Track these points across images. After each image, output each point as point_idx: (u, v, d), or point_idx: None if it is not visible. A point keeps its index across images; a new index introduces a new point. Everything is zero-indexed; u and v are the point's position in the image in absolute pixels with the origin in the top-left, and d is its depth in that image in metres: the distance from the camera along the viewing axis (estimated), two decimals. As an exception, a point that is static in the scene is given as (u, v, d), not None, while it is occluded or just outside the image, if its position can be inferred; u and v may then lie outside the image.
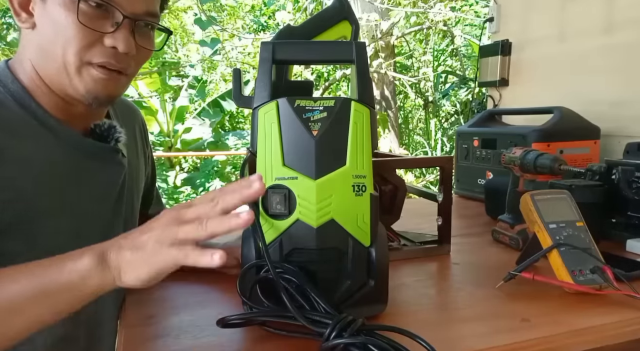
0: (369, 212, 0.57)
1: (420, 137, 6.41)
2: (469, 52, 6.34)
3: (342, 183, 0.56)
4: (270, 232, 0.55)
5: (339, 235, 0.56)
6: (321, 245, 0.55)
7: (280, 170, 0.55)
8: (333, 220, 0.55)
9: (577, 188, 0.88)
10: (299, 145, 0.56)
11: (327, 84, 6.12)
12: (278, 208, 0.55)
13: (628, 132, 1.25)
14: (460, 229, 1.04)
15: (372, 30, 5.36)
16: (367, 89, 0.60)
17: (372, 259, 0.58)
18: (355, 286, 0.57)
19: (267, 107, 0.57)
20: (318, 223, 0.55)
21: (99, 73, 0.66)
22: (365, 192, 0.57)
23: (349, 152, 0.56)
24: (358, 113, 0.57)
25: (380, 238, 0.59)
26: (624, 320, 0.58)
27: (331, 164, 0.56)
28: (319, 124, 0.56)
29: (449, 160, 0.84)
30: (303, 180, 0.55)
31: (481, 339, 0.54)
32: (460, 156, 1.42)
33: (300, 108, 0.56)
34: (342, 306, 0.57)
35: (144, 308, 0.63)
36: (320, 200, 0.55)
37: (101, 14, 0.64)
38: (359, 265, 0.57)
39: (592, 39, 1.37)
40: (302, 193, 0.55)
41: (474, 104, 2.75)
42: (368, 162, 0.58)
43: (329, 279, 0.56)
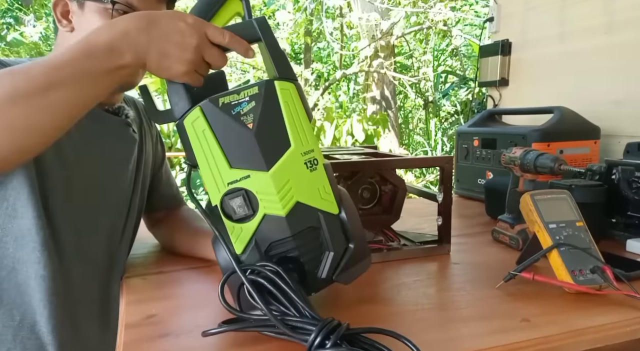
0: (328, 181, 0.57)
1: (420, 137, 6.41)
2: (469, 52, 6.34)
3: (294, 164, 0.55)
4: (242, 236, 0.54)
5: (309, 213, 0.56)
6: (295, 230, 0.55)
7: (230, 173, 0.54)
8: (299, 203, 0.55)
9: (577, 188, 0.88)
10: (239, 143, 0.54)
11: (327, 84, 6.12)
12: (241, 212, 0.54)
13: (628, 132, 1.26)
14: (460, 229, 1.04)
15: (372, 30, 5.36)
16: (283, 64, 0.58)
17: (345, 224, 0.58)
18: (339, 254, 0.57)
19: (192, 116, 0.55)
20: (286, 211, 0.54)
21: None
22: (317, 164, 0.57)
23: (289, 132, 0.55)
24: (284, 91, 0.56)
25: (345, 201, 0.59)
26: (624, 320, 0.58)
27: (277, 150, 0.55)
28: (251, 116, 0.54)
29: (449, 160, 0.84)
30: (256, 175, 0.54)
31: (481, 339, 0.54)
32: (460, 156, 1.42)
33: (226, 106, 0.55)
34: (335, 276, 0.57)
35: (144, 308, 0.63)
36: (280, 188, 0.54)
37: None
38: (336, 234, 0.57)
39: (592, 39, 1.37)
40: (260, 188, 0.54)
41: (474, 104, 2.75)
42: (311, 136, 0.57)
43: (313, 258, 0.56)
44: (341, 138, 3.83)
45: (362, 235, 0.60)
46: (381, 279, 0.75)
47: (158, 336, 0.55)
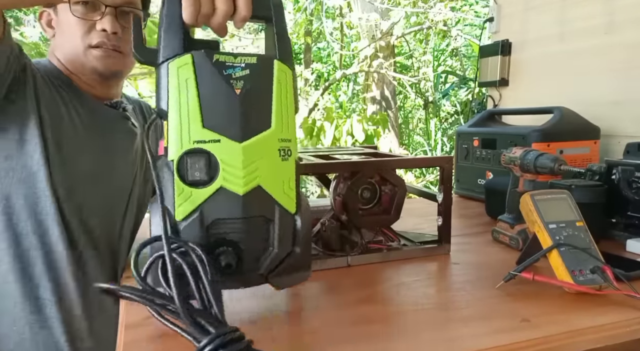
0: (294, 178, 0.54)
1: (420, 137, 6.41)
2: (469, 52, 6.33)
3: (268, 146, 0.52)
4: (188, 202, 0.49)
5: (266, 202, 0.52)
6: (247, 213, 0.51)
7: (200, 132, 0.50)
8: (260, 187, 0.51)
9: (577, 188, 0.88)
10: (220, 105, 0.50)
11: (327, 84, 6.11)
12: (197, 175, 0.49)
13: (628, 132, 1.26)
14: (460, 229, 1.04)
15: (372, 30, 5.36)
16: (287, 50, 0.55)
17: (298, 226, 0.55)
18: (282, 255, 0.54)
19: (182, 60, 0.50)
20: (245, 190, 0.50)
21: (98, 52, 0.88)
22: (290, 156, 0.54)
23: (274, 113, 0.52)
24: (282, 72, 0.54)
25: (304, 206, 0.56)
26: (624, 320, 0.58)
27: (257, 126, 0.51)
28: (241, 82, 0.51)
29: (449, 160, 0.84)
30: (227, 143, 0.50)
31: (481, 339, 0.54)
32: (460, 156, 1.41)
33: (220, 64, 0.51)
34: (270, 276, 0.54)
35: (144, 308, 0.63)
36: (247, 165, 0.50)
37: (90, 9, 0.87)
38: (285, 233, 0.53)
39: (593, 39, 1.37)
40: (226, 157, 0.50)
41: (474, 104, 2.75)
42: (293, 126, 0.54)
43: (253, 249, 0.52)
44: (341, 138, 3.82)
45: (309, 246, 0.57)
46: (381, 279, 0.75)
47: (158, 336, 0.55)
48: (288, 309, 0.64)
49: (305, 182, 4.23)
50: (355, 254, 0.80)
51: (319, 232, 0.84)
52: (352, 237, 0.84)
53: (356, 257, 0.80)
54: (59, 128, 0.82)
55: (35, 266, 0.79)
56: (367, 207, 0.83)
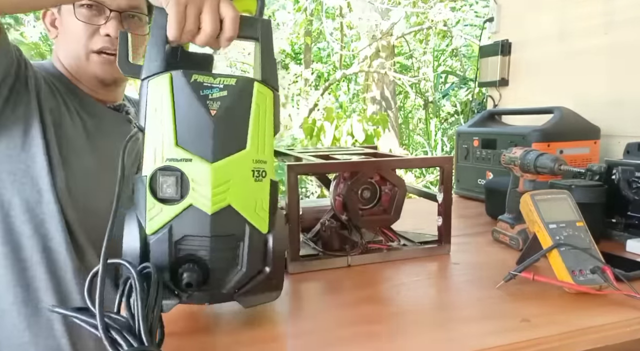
0: (268, 198, 0.54)
1: (420, 137, 6.41)
2: (469, 52, 6.33)
3: (241, 167, 0.52)
4: (158, 217, 0.51)
5: (236, 222, 0.52)
6: (215, 232, 0.51)
7: (173, 150, 0.51)
8: (230, 206, 0.52)
9: (577, 188, 0.88)
10: (194, 125, 0.51)
11: (327, 84, 6.11)
12: (168, 192, 0.50)
13: (628, 132, 1.25)
14: (460, 229, 1.04)
15: (372, 30, 5.36)
16: (271, 70, 0.57)
17: (269, 246, 0.55)
18: (250, 274, 0.54)
19: (159, 79, 0.52)
20: (213, 210, 0.51)
21: (99, 58, 0.87)
22: (265, 177, 0.54)
23: (250, 135, 0.53)
24: (261, 95, 0.54)
25: (278, 226, 0.56)
26: (624, 320, 0.58)
27: (230, 147, 0.52)
28: (218, 103, 0.52)
29: (449, 160, 0.84)
30: (198, 162, 0.51)
31: (481, 339, 0.54)
32: (460, 156, 1.41)
33: (197, 84, 0.52)
34: (236, 295, 0.54)
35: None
36: (217, 185, 0.51)
37: (95, 12, 0.86)
38: (255, 253, 0.54)
39: (592, 39, 1.37)
40: (196, 177, 0.51)
41: (474, 104, 2.75)
42: (270, 147, 0.55)
43: (221, 268, 0.53)
44: (341, 138, 3.82)
45: (281, 266, 0.57)
46: (381, 279, 0.75)
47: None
48: (288, 309, 0.64)
49: (305, 182, 4.23)
50: (355, 254, 0.80)
51: (319, 232, 0.84)
52: (352, 237, 0.84)
53: (356, 257, 0.80)
54: (62, 132, 0.82)
55: (35, 270, 0.78)
56: (367, 207, 0.83)
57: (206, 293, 0.53)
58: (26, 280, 0.78)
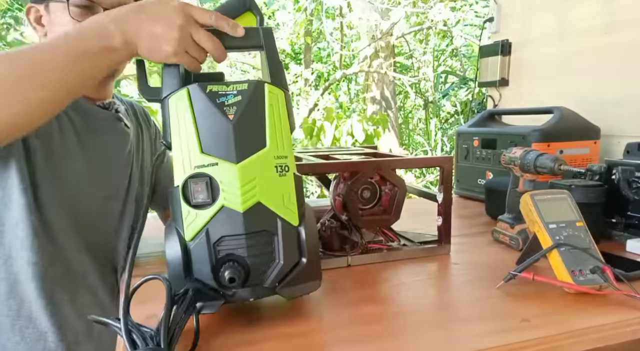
0: (294, 191, 0.57)
1: (420, 137, 6.41)
2: (469, 52, 6.33)
3: (264, 164, 0.55)
4: (194, 223, 0.54)
5: (267, 217, 0.55)
6: (249, 229, 0.54)
7: (199, 157, 0.54)
8: (260, 203, 0.54)
9: (577, 188, 0.88)
10: (216, 131, 0.54)
11: (327, 84, 6.11)
12: (200, 197, 0.53)
13: (628, 132, 1.26)
14: (460, 229, 1.04)
15: (372, 30, 5.36)
16: (279, 73, 0.60)
17: (302, 238, 0.57)
18: (288, 267, 0.56)
19: (178, 95, 0.55)
20: (244, 208, 0.53)
21: None
22: (288, 172, 0.56)
23: (268, 133, 0.56)
24: (273, 95, 0.57)
25: (308, 217, 0.58)
26: (624, 320, 0.58)
27: (251, 147, 0.55)
28: (234, 108, 0.55)
29: (449, 160, 0.84)
30: (224, 165, 0.53)
31: (481, 339, 0.54)
32: (460, 156, 1.42)
33: (213, 94, 0.55)
34: (278, 288, 0.56)
35: (144, 308, 0.63)
36: (245, 184, 0.53)
37: (88, 11, 0.80)
38: (289, 245, 0.56)
39: (592, 39, 1.37)
40: (224, 178, 0.53)
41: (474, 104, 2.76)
42: (288, 143, 0.57)
43: (260, 263, 0.55)
44: (341, 138, 3.82)
45: (317, 255, 0.59)
46: (381, 279, 0.75)
47: (158, 336, 0.55)
48: (288, 309, 0.64)
49: (305, 182, 4.23)
50: (355, 254, 0.80)
51: (319, 232, 0.84)
52: (352, 237, 0.84)
53: (356, 257, 0.80)
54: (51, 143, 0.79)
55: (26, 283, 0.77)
56: (367, 207, 0.83)
57: (249, 290, 0.55)
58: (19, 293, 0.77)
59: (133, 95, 5.76)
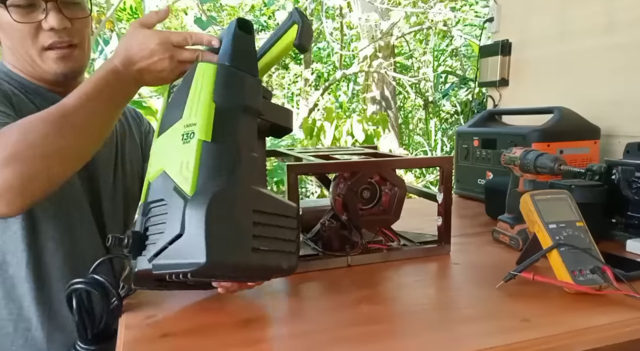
0: (195, 158, 0.54)
1: (420, 137, 6.40)
2: (469, 52, 6.33)
3: (175, 136, 0.58)
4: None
5: (166, 186, 0.55)
6: (150, 198, 0.57)
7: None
8: (164, 172, 0.56)
9: (577, 188, 0.88)
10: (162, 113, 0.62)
11: (327, 84, 6.11)
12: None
13: (628, 132, 1.25)
14: (460, 229, 1.04)
15: (372, 30, 5.36)
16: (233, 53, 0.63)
17: (190, 209, 0.51)
18: (167, 238, 0.52)
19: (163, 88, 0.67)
20: (151, 178, 0.58)
21: (54, 54, 0.81)
22: (192, 138, 0.55)
23: (186, 106, 0.59)
24: (201, 70, 0.60)
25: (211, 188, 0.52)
26: (624, 320, 0.58)
27: (170, 121, 0.59)
28: (174, 89, 0.63)
29: (449, 160, 0.84)
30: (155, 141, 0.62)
31: (481, 339, 0.54)
32: (460, 156, 1.41)
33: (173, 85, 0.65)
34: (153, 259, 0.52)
35: (144, 308, 0.63)
36: (155, 154, 0.60)
37: (30, 9, 0.78)
38: (173, 216, 0.52)
39: (592, 39, 1.37)
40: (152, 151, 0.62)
41: (474, 104, 2.76)
42: (206, 112, 0.57)
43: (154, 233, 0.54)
44: (341, 138, 3.82)
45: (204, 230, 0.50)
46: (381, 279, 0.75)
47: (158, 337, 0.55)
48: (288, 309, 0.64)
49: (305, 182, 4.23)
50: (355, 254, 0.80)
51: (319, 232, 0.84)
52: (352, 237, 0.84)
53: (356, 257, 0.80)
54: None
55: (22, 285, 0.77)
56: (367, 207, 0.83)
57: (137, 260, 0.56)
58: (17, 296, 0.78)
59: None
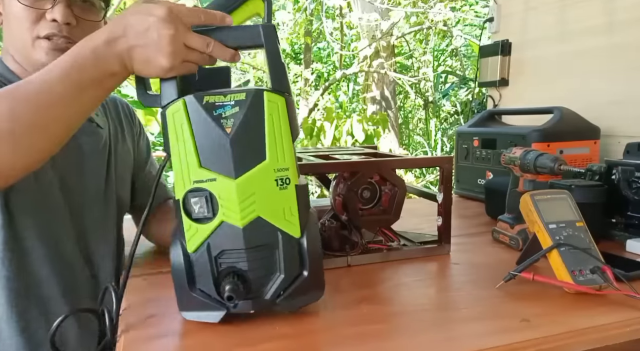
0: (296, 203, 0.56)
1: (420, 137, 6.40)
2: (469, 52, 6.33)
3: (264, 179, 0.54)
4: (196, 236, 0.55)
5: (267, 231, 0.55)
6: (249, 244, 0.54)
7: (198, 172, 0.54)
8: (260, 218, 0.54)
9: (577, 188, 0.88)
10: (213, 145, 0.53)
11: (327, 84, 6.11)
12: (201, 211, 0.54)
13: (628, 132, 1.26)
14: (460, 229, 1.04)
15: (372, 30, 5.36)
16: (280, 75, 0.57)
17: (304, 250, 0.57)
18: (289, 279, 0.57)
19: (175, 107, 0.54)
20: (244, 223, 0.54)
21: (46, 44, 0.76)
22: (289, 184, 0.55)
23: (267, 146, 0.54)
24: (272, 103, 0.55)
25: (311, 227, 0.58)
26: (624, 320, 0.58)
27: (250, 161, 0.54)
28: (231, 120, 0.53)
29: (449, 160, 0.84)
30: (222, 180, 0.53)
31: (481, 339, 0.54)
32: (460, 156, 1.41)
33: (209, 105, 0.54)
34: (278, 300, 0.56)
35: (144, 308, 0.63)
36: (243, 200, 0.53)
37: None
38: (290, 258, 0.56)
39: (592, 39, 1.37)
40: (223, 194, 0.53)
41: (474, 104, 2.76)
42: (290, 153, 0.56)
43: (261, 276, 0.56)
44: (341, 138, 3.82)
45: (319, 267, 0.59)
46: (381, 279, 0.75)
47: (158, 337, 0.55)
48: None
49: (305, 182, 4.22)
50: (355, 254, 0.80)
51: (319, 232, 0.84)
52: (352, 237, 0.84)
53: (356, 257, 0.80)
54: None
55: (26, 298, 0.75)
56: (367, 207, 0.83)
57: (250, 302, 0.56)
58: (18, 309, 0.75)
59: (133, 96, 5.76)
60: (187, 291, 0.56)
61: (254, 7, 0.63)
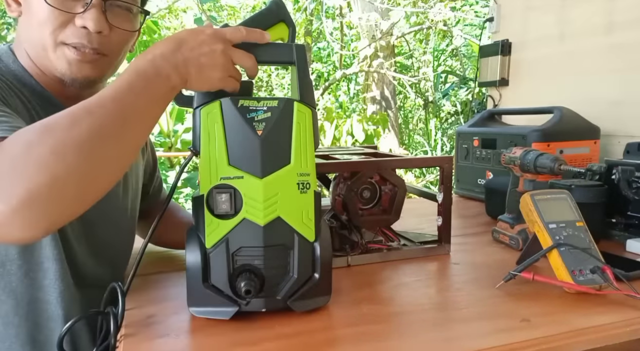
0: (314, 208, 0.59)
1: (420, 137, 6.40)
2: (469, 52, 6.33)
3: (287, 181, 0.57)
4: (216, 232, 0.56)
5: (286, 232, 0.58)
6: (268, 242, 0.57)
7: (226, 169, 0.56)
8: (279, 218, 0.57)
9: (577, 188, 0.88)
10: (244, 145, 0.57)
11: (327, 84, 6.12)
12: (224, 208, 0.56)
13: (628, 132, 1.26)
14: (460, 229, 1.04)
15: (372, 30, 5.36)
16: (308, 90, 0.61)
17: (317, 254, 0.59)
18: (301, 281, 0.59)
19: (210, 107, 0.57)
20: (265, 221, 0.56)
21: (72, 53, 0.68)
22: (309, 189, 0.59)
23: (293, 151, 0.58)
24: (301, 113, 0.59)
25: (323, 234, 0.61)
26: (624, 320, 0.58)
27: (276, 163, 0.57)
28: (263, 124, 0.57)
29: (449, 160, 0.84)
30: (249, 179, 0.56)
31: (481, 339, 0.54)
32: (460, 156, 1.42)
33: (244, 108, 0.57)
34: (289, 300, 0.58)
35: (144, 308, 0.63)
36: (267, 199, 0.56)
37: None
38: (304, 260, 0.59)
39: (592, 39, 1.37)
40: (248, 192, 0.56)
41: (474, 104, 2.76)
42: (311, 161, 0.59)
43: (275, 275, 0.58)
44: (341, 138, 3.83)
45: (329, 270, 0.61)
46: (381, 279, 0.75)
47: (158, 336, 0.55)
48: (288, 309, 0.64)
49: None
50: (355, 254, 0.80)
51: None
52: (352, 237, 0.84)
53: (356, 257, 0.80)
54: None
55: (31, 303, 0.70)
56: (367, 207, 0.83)
57: (262, 300, 0.58)
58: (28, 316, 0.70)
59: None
60: (200, 286, 0.57)
61: (280, 31, 0.68)
